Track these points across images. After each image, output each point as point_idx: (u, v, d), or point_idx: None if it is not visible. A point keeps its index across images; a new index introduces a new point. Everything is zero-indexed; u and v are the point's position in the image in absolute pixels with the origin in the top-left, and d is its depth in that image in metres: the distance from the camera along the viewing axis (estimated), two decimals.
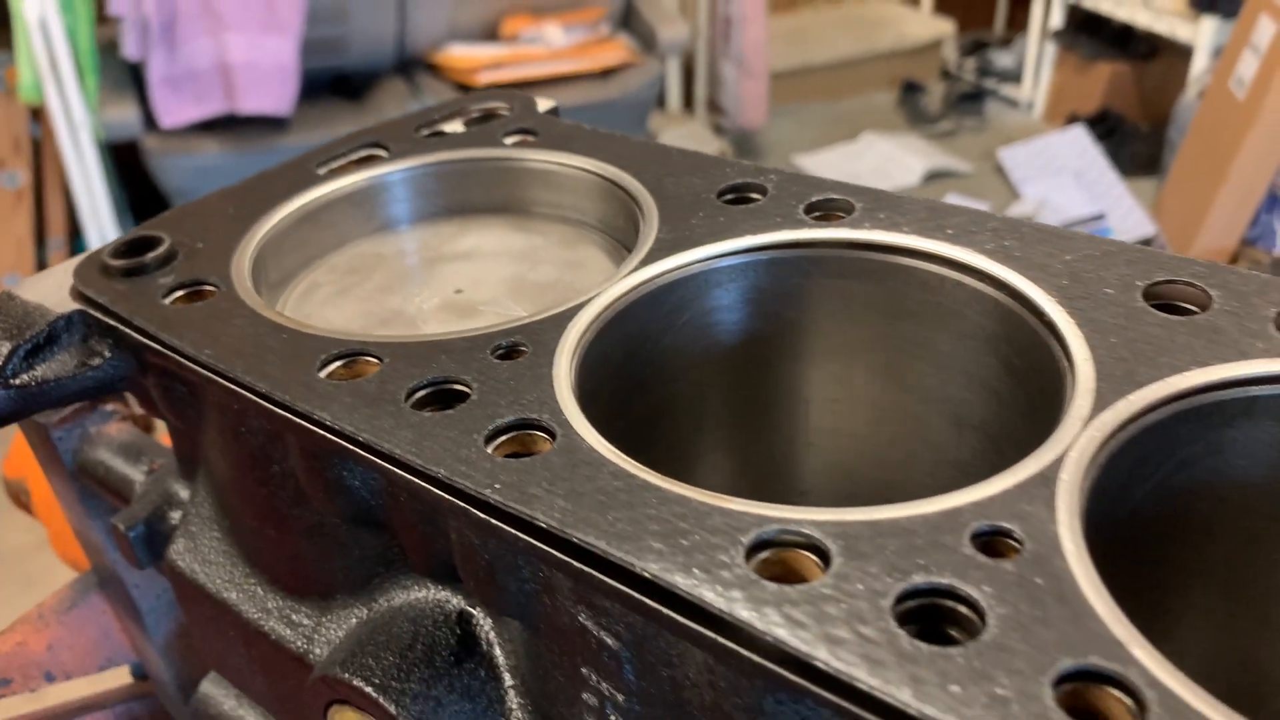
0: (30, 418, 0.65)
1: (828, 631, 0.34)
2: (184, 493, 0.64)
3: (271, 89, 2.93)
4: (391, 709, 0.46)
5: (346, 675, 0.48)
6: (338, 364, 0.51)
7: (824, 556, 0.37)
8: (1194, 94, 3.41)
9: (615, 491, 0.41)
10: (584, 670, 0.44)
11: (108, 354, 0.57)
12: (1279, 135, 2.99)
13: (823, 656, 0.33)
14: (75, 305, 0.58)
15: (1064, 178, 3.66)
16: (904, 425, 0.61)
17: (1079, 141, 3.78)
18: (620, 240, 0.66)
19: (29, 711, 0.71)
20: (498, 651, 0.49)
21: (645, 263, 0.56)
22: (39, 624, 0.73)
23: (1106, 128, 3.93)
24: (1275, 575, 0.48)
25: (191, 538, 0.61)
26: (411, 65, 3.38)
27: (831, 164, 4.02)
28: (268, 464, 0.53)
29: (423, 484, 0.44)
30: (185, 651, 0.71)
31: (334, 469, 0.48)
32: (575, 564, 0.39)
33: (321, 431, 0.47)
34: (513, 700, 0.49)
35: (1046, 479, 0.40)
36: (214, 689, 0.66)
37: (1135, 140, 3.89)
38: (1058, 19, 4.22)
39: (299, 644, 0.57)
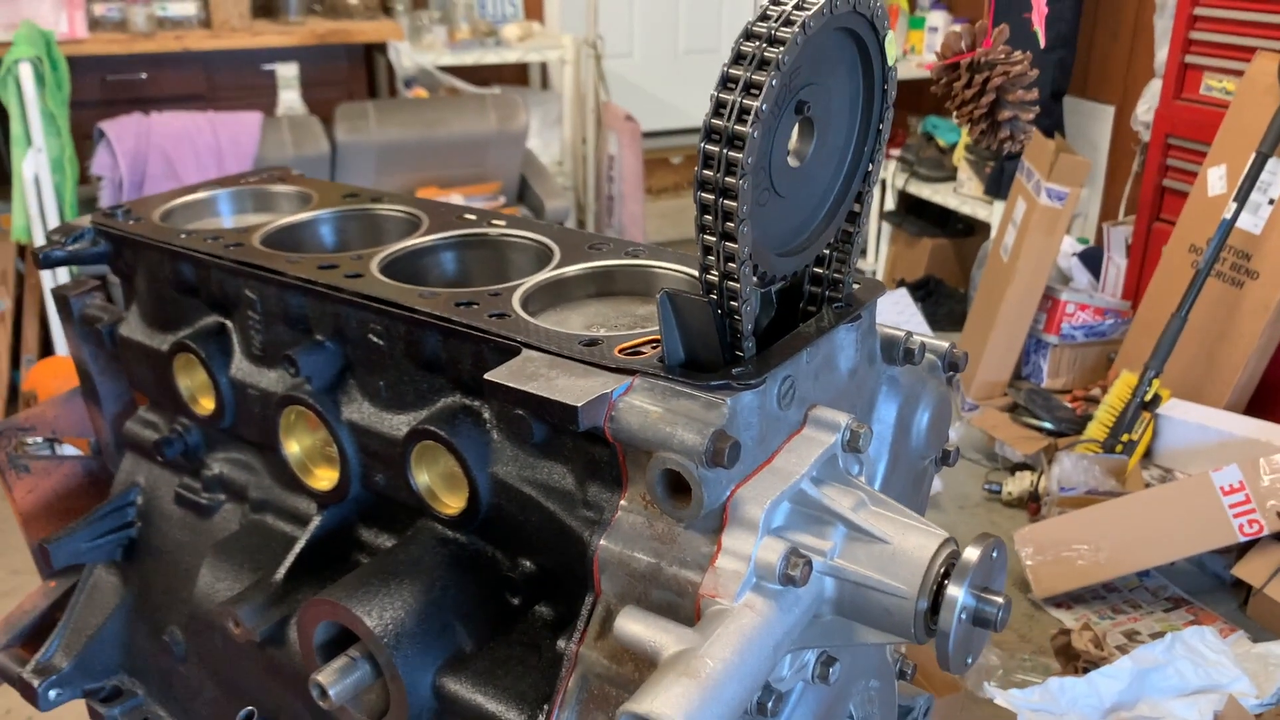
0: (62, 294, 1.28)
1: None
2: (125, 313, 1.31)
3: None
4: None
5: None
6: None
7: None
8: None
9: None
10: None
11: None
12: (1031, 289, 3.75)
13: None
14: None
15: None
16: None
17: (900, 301, 4.53)
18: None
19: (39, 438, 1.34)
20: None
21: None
22: (49, 406, 1.33)
23: (927, 291, 4.70)
24: None
25: (128, 324, 1.27)
26: None
27: None
28: (161, 283, 1.21)
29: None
30: (118, 427, 1.32)
31: (177, 274, 1.16)
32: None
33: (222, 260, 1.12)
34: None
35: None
36: (133, 424, 1.29)
37: (950, 300, 4.66)
38: (890, 203, 5.06)
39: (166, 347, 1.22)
